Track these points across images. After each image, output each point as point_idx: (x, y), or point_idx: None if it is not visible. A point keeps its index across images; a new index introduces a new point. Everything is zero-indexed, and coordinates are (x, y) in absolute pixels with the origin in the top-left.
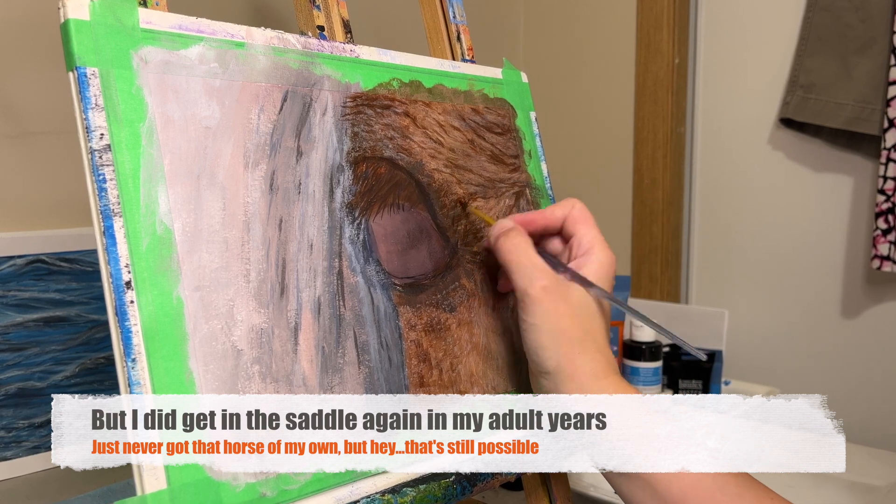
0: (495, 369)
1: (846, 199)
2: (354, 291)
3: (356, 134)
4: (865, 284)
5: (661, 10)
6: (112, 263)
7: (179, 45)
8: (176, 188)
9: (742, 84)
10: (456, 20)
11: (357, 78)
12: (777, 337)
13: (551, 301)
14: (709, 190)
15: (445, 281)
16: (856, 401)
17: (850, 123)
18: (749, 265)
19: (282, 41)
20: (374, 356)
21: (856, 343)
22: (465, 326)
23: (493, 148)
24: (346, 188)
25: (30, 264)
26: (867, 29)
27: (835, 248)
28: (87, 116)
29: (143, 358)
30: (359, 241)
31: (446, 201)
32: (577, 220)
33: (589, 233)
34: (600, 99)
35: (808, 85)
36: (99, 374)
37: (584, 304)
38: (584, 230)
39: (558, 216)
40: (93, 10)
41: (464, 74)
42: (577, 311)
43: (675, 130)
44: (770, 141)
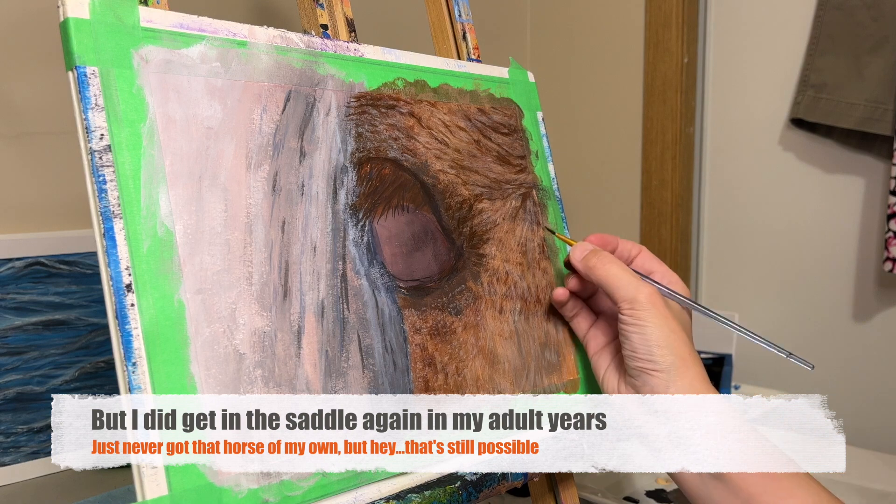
0: (502, 373)
1: (858, 200)
2: (358, 294)
3: (360, 134)
4: (877, 287)
5: (670, 9)
6: (112, 266)
7: (181, 43)
8: (177, 189)
9: (752, 84)
10: (462, 19)
11: (361, 77)
12: (787, 340)
13: (659, 305)
14: (718, 191)
15: (451, 284)
16: (868, 405)
17: (861, 124)
18: (759, 267)
19: (285, 40)
20: (378, 360)
21: (868, 346)
22: (471, 330)
23: (499, 148)
24: (349, 189)
25: (29, 267)
26: (879, 28)
27: (846, 250)
28: (87, 117)
29: (143, 362)
30: (363, 244)
31: (452, 203)
32: (654, 260)
33: (669, 271)
34: (608, 99)
35: (819, 85)
36: (99, 378)
37: (680, 314)
38: (664, 268)
39: (630, 248)
40: (93, 9)
41: (470, 74)
42: (677, 318)
43: (685, 131)
44: (781, 141)
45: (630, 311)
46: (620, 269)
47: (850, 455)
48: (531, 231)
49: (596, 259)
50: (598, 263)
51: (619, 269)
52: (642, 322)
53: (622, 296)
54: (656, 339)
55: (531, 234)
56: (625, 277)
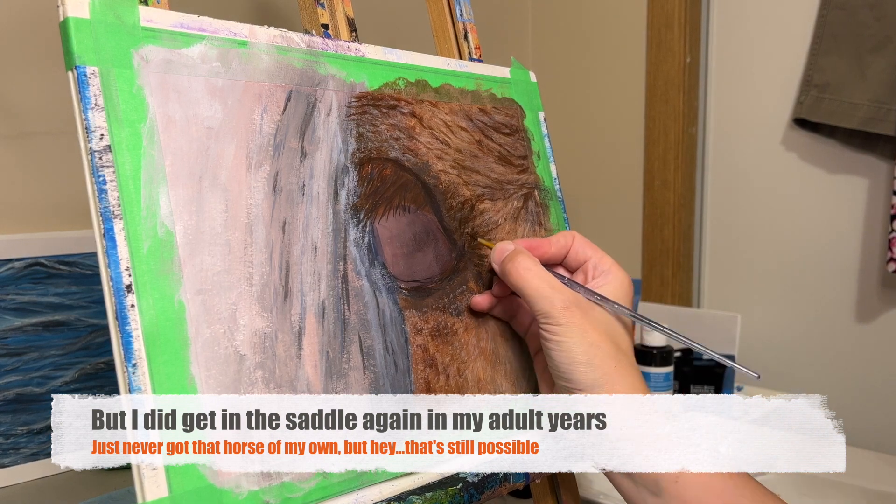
0: (503, 374)
1: (861, 200)
2: (359, 295)
3: (361, 134)
4: (881, 288)
5: (673, 8)
6: (112, 266)
7: (181, 43)
8: (177, 190)
9: (755, 83)
10: (463, 18)
11: (362, 77)
12: (791, 342)
13: (576, 317)
14: (721, 192)
15: (452, 284)
16: (871, 406)
17: (865, 124)
18: (762, 268)
19: (285, 40)
20: (379, 361)
21: (871, 348)
22: (473, 331)
23: (500, 149)
24: (350, 190)
25: (28, 267)
26: (882, 27)
27: (849, 250)
28: (87, 117)
29: (143, 363)
30: (364, 244)
31: (453, 203)
32: (586, 245)
33: (605, 256)
34: (610, 99)
35: (822, 84)
36: (99, 379)
37: (609, 321)
38: (598, 254)
39: (563, 243)
40: (92, 8)
41: (471, 74)
42: (603, 327)
43: (687, 131)
44: (783, 141)
45: (546, 326)
46: (535, 277)
47: (853, 456)
48: (533, 232)
49: (511, 264)
50: (512, 269)
51: (533, 276)
52: (558, 338)
53: (537, 309)
54: (575, 356)
55: (533, 234)
56: (540, 287)
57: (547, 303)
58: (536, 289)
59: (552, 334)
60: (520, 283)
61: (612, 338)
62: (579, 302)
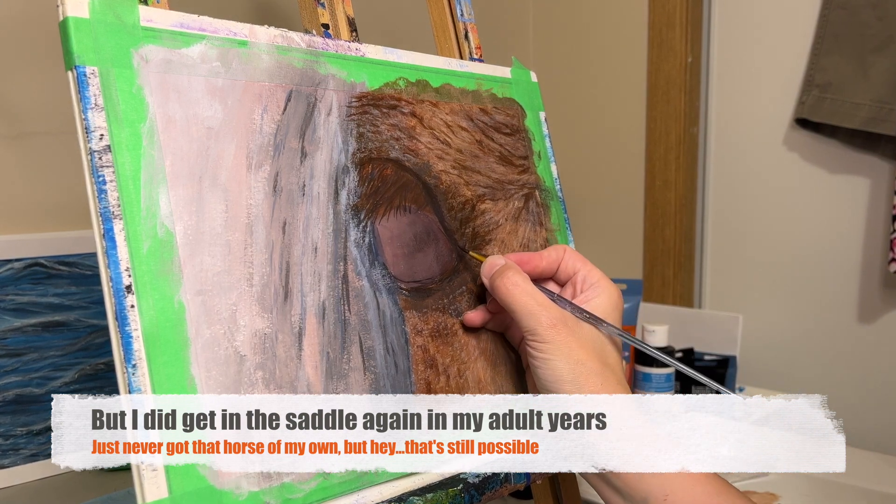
0: (504, 375)
1: (863, 201)
2: (360, 296)
3: (362, 134)
4: (882, 288)
5: (674, 8)
6: (112, 267)
7: (181, 43)
8: (177, 190)
9: (756, 83)
10: (464, 18)
11: (363, 77)
12: (792, 342)
13: (562, 334)
14: (722, 192)
15: (453, 285)
16: (873, 407)
17: (867, 124)
18: (764, 268)
19: (286, 40)
20: (379, 362)
21: (872, 348)
22: (473, 331)
23: (501, 149)
24: (351, 190)
25: (28, 268)
26: (884, 27)
27: (851, 251)
28: (87, 117)
29: (143, 363)
30: (364, 245)
31: (454, 203)
32: (577, 258)
33: (594, 269)
34: (611, 99)
35: (824, 84)
36: (99, 379)
37: (596, 337)
38: (587, 267)
39: (554, 257)
40: (92, 8)
41: (472, 74)
42: (590, 344)
43: (688, 131)
44: (785, 142)
45: (532, 343)
46: (523, 294)
47: (853, 456)
48: (534, 232)
49: (500, 280)
50: (500, 285)
51: (521, 292)
52: (544, 355)
53: (523, 326)
54: (561, 374)
55: (534, 234)
56: (527, 304)
57: (533, 320)
58: (524, 305)
59: (538, 351)
60: (507, 300)
61: (599, 354)
62: (566, 319)
